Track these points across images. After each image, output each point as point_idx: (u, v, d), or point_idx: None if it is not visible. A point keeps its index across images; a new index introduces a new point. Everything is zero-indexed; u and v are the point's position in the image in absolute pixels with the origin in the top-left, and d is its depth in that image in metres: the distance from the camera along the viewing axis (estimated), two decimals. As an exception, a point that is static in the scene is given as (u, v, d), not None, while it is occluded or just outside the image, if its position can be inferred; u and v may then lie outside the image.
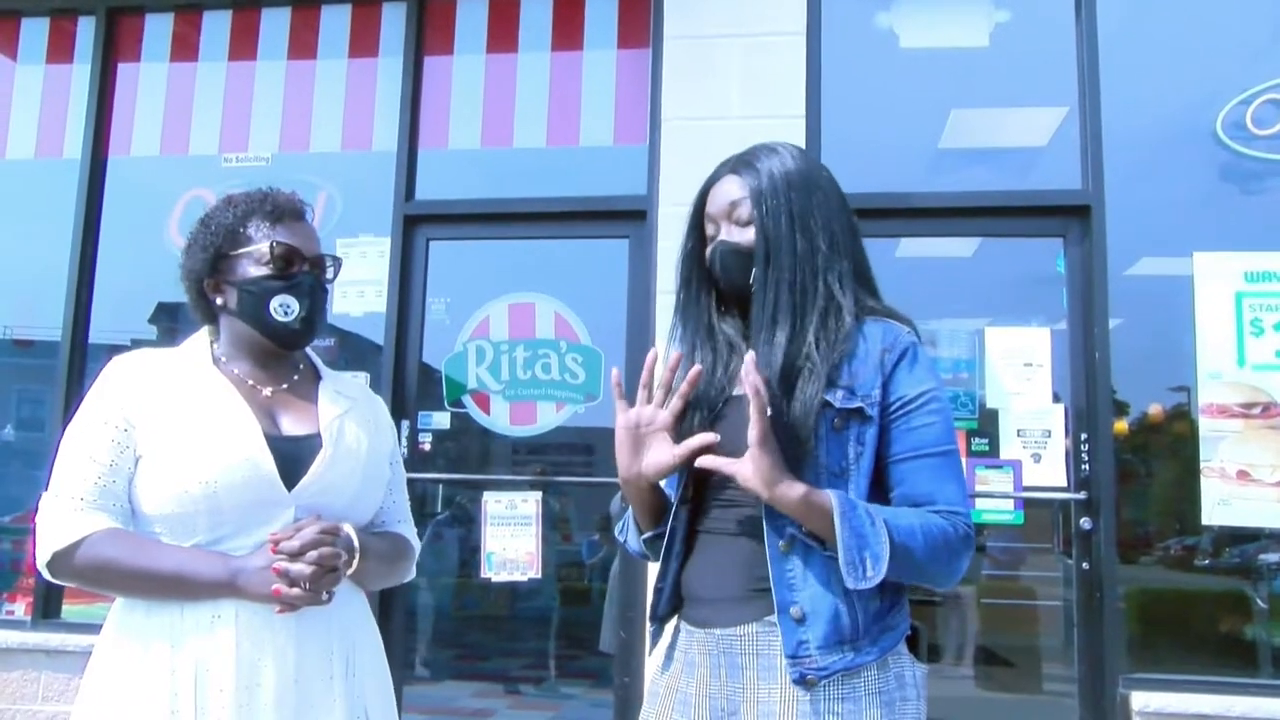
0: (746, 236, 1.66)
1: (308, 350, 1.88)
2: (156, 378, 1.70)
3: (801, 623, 1.51)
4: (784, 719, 1.50)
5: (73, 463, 1.64)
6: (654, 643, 1.76)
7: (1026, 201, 4.14)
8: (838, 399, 1.55)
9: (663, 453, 1.62)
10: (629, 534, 1.79)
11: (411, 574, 1.95)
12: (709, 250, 1.70)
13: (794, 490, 1.49)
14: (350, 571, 1.67)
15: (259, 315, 1.73)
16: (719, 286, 1.73)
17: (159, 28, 4.92)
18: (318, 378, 1.86)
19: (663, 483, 1.72)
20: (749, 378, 1.46)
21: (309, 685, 1.62)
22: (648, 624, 1.75)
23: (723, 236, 1.68)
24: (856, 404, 1.56)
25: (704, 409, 1.66)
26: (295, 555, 1.56)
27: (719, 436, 1.57)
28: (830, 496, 1.49)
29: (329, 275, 1.82)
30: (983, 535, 4.17)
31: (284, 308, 1.72)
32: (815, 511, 1.50)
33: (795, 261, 1.62)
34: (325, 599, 1.60)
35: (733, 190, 1.68)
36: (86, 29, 4.92)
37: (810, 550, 1.54)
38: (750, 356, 1.49)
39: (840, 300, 1.62)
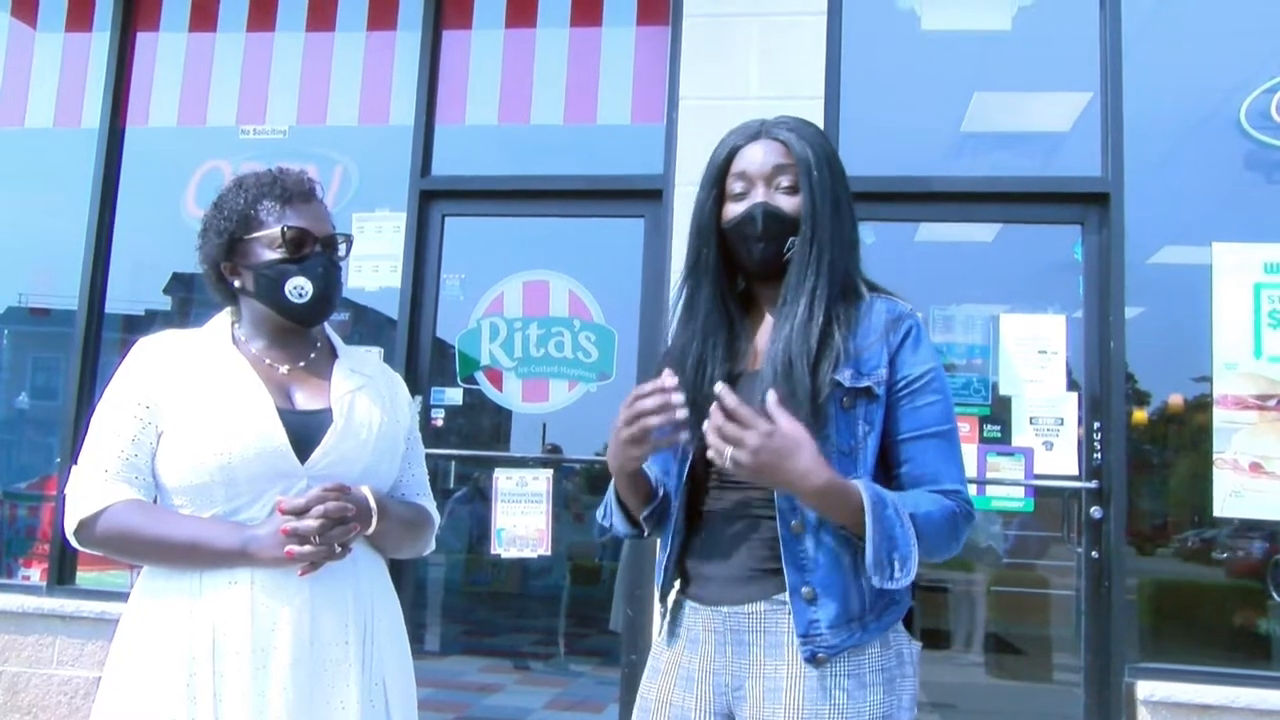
0: (790, 203, 1.64)
1: (327, 330, 1.94)
2: (178, 358, 1.76)
3: (813, 603, 1.53)
4: (790, 695, 1.52)
5: (99, 437, 1.72)
6: (664, 621, 1.78)
7: (1046, 188, 4.11)
8: (846, 378, 1.57)
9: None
10: (614, 518, 1.80)
11: (431, 546, 2.00)
12: (743, 208, 1.66)
13: (813, 478, 1.47)
14: (371, 530, 1.71)
15: (275, 297, 1.78)
16: (734, 252, 1.70)
17: (178, -3, 4.91)
18: (335, 355, 1.90)
19: (648, 466, 1.75)
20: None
21: (324, 650, 1.66)
22: (658, 604, 1.77)
23: (762, 198, 1.65)
24: (865, 383, 1.58)
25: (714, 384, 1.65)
26: (301, 513, 1.61)
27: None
28: (860, 491, 1.49)
29: (341, 253, 1.86)
30: (993, 523, 4.16)
31: (298, 290, 1.77)
32: (837, 502, 1.49)
33: (832, 238, 1.63)
34: (340, 553, 1.64)
35: (776, 155, 1.66)
36: (105, -3, 4.91)
37: (821, 532, 1.55)
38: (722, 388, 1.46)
39: (856, 280, 1.66)
